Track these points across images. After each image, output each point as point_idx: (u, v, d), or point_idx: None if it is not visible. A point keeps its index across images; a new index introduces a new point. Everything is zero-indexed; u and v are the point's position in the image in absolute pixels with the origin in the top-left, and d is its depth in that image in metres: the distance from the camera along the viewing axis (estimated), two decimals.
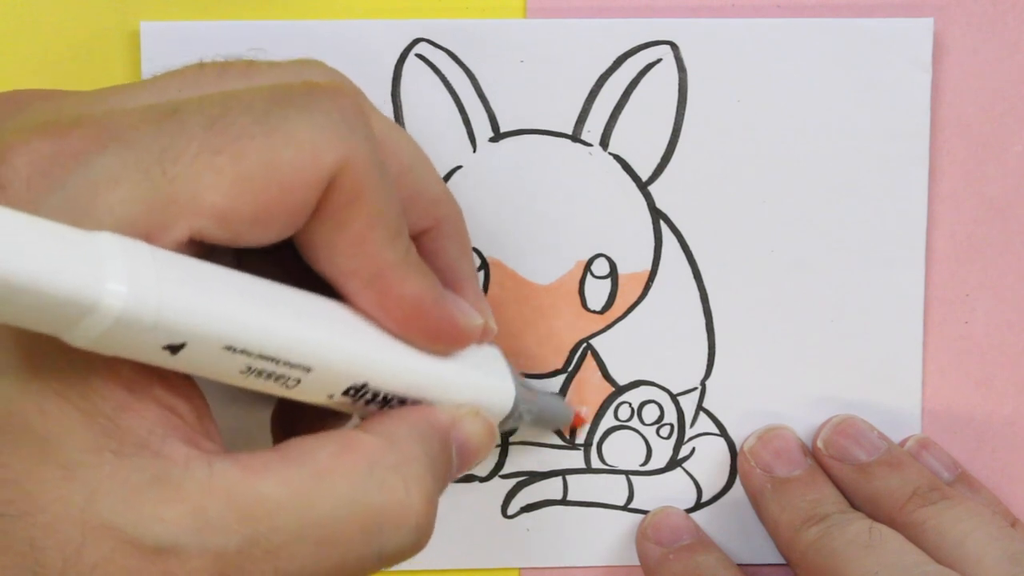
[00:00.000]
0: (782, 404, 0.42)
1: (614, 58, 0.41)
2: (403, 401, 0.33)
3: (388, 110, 0.40)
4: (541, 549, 0.42)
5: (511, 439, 0.42)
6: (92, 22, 0.40)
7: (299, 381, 0.30)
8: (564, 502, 0.42)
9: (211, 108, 0.29)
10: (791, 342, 0.42)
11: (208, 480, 0.28)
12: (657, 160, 0.41)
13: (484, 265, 0.41)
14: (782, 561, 0.41)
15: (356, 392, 0.31)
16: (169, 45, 0.40)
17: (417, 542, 0.30)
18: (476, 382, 0.35)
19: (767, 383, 0.42)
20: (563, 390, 0.42)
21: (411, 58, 0.40)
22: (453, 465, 0.33)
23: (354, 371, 0.31)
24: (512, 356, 0.41)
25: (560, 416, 0.41)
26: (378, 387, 0.32)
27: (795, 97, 0.41)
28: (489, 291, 0.41)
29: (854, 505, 0.40)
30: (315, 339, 0.30)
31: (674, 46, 0.41)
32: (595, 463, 0.42)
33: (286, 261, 0.32)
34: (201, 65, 0.32)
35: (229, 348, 0.28)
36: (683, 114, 0.41)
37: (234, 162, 0.28)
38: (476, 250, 0.41)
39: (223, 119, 0.28)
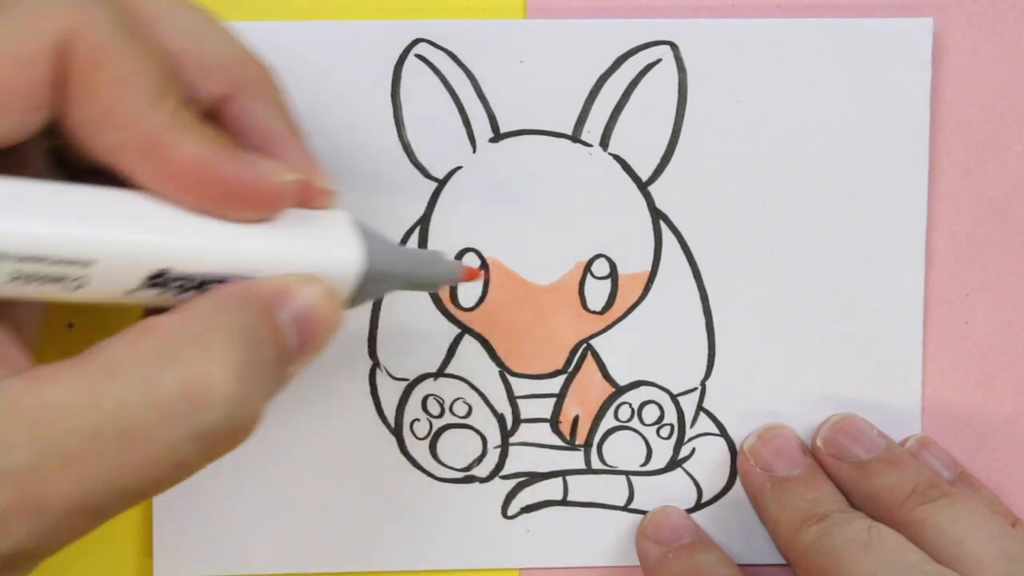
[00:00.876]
0: (782, 404, 0.42)
1: (614, 58, 0.41)
2: (223, 282, 0.30)
3: (388, 111, 0.40)
4: (541, 549, 0.42)
5: (511, 440, 0.42)
6: None
7: (84, 279, 0.28)
8: (564, 502, 0.42)
9: None
10: (791, 342, 0.42)
11: None
12: (657, 160, 0.41)
13: (484, 265, 0.41)
14: (782, 561, 0.41)
15: (159, 281, 0.29)
16: None
17: (231, 418, 0.28)
18: (307, 248, 0.31)
19: (767, 383, 0.42)
20: (563, 390, 0.42)
21: (411, 58, 0.40)
22: (288, 337, 0.30)
23: (146, 257, 0.28)
24: (512, 357, 0.41)
25: (440, 273, 0.36)
26: (183, 271, 0.29)
27: (795, 97, 0.41)
28: (489, 291, 0.41)
29: (854, 504, 0.40)
30: (87, 228, 0.28)
31: (674, 46, 0.41)
32: (595, 463, 0.42)
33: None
34: None
35: None
36: (683, 114, 0.41)
37: None
38: (476, 250, 0.41)
39: None
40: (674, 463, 0.42)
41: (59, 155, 0.32)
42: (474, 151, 0.41)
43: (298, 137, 0.33)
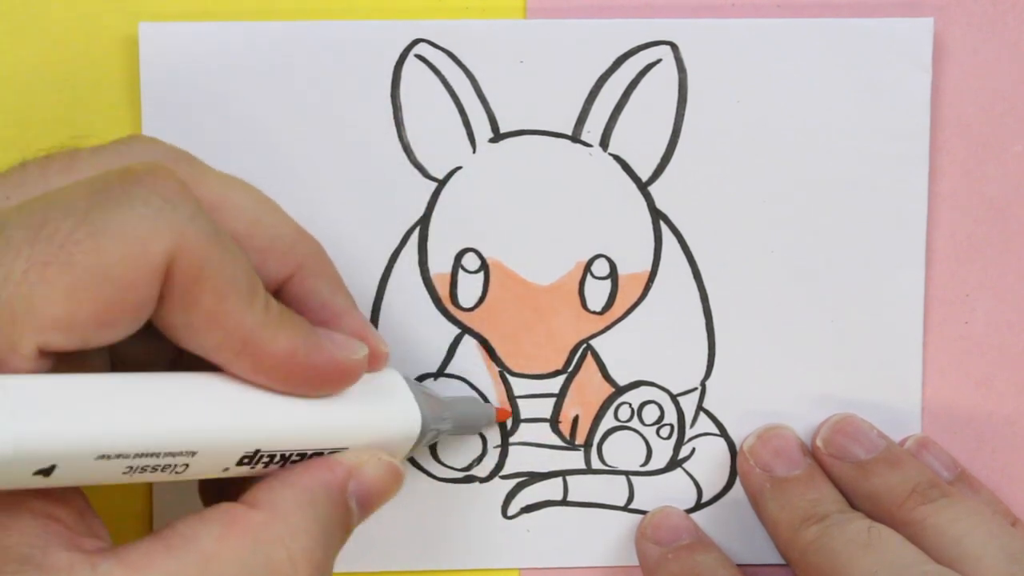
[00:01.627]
0: (782, 404, 0.42)
1: (614, 58, 0.41)
2: (303, 455, 0.32)
3: (388, 111, 0.40)
4: (541, 549, 0.42)
5: (510, 440, 0.42)
6: (91, 23, 0.40)
7: (187, 466, 0.30)
8: (564, 502, 0.42)
9: (32, 217, 0.29)
10: (791, 342, 0.42)
11: None
12: (657, 160, 0.41)
13: (484, 266, 0.41)
14: (782, 561, 0.41)
15: (251, 460, 0.31)
16: (167, 46, 0.40)
17: None
18: (375, 416, 0.34)
19: (767, 383, 0.42)
20: (563, 390, 0.42)
21: (411, 59, 0.40)
22: (354, 516, 0.33)
23: (240, 442, 0.31)
24: (512, 357, 0.41)
25: (480, 418, 0.41)
26: (271, 450, 0.32)
27: (795, 97, 0.41)
28: (489, 291, 0.41)
29: (853, 504, 0.40)
30: (190, 423, 0.30)
31: (674, 46, 0.41)
32: (595, 464, 0.42)
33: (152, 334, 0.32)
34: (23, 164, 0.32)
35: (103, 457, 0.28)
36: (683, 114, 0.41)
37: (64, 271, 0.28)
38: (476, 251, 0.41)
39: (45, 227, 0.28)
40: (674, 463, 0.42)
41: None
42: (474, 151, 0.41)
43: (355, 306, 0.36)
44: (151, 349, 0.33)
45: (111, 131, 0.40)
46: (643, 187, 0.41)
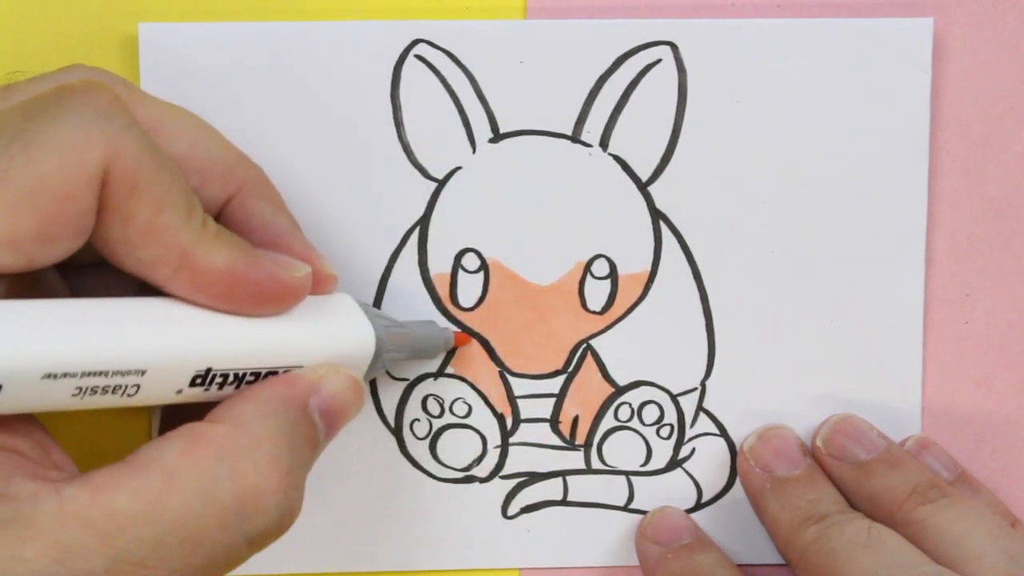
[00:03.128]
0: (782, 404, 0.42)
1: (614, 58, 0.40)
2: (257, 375, 0.32)
3: (387, 111, 0.40)
4: (541, 549, 0.42)
5: (510, 440, 0.42)
6: (90, 23, 0.40)
7: (138, 387, 0.30)
8: (564, 503, 0.42)
9: None
10: (791, 342, 0.42)
11: (59, 510, 0.28)
12: (657, 160, 0.41)
13: (484, 266, 0.41)
14: (782, 561, 0.41)
15: (204, 380, 0.31)
16: (167, 46, 0.40)
17: (280, 520, 0.31)
18: (328, 334, 0.34)
19: (767, 383, 0.42)
20: (563, 390, 0.42)
21: (410, 59, 0.40)
22: (319, 430, 0.33)
23: (191, 360, 0.31)
24: (512, 357, 0.41)
25: (437, 341, 0.40)
26: (224, 368, 0.31)
27: (795, 97, 0.41)
28: (489, 291, 0.41)
29: (853, 504, 0.40)
30: (138, 342, 0.30)
31: (674, 46, 0.41)
32: (595, 464, 0.42)
33: (109, 274, 0.32)
34: None
35: (49, 376, 0.28)
36: (683, 114, 0.41)
37: (1, 187, 0.28)
38: (476, 251, 0.41)
39: None
40: (674, 463, 0.42)
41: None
42: (474, 151, 0.41)
43: (299, 229, 0.36)
44: (109, 288, 0.33)
45: None
46: (643, 187, 0.41)
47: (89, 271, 0.34)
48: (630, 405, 0.42)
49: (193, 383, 0.31)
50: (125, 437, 0.41)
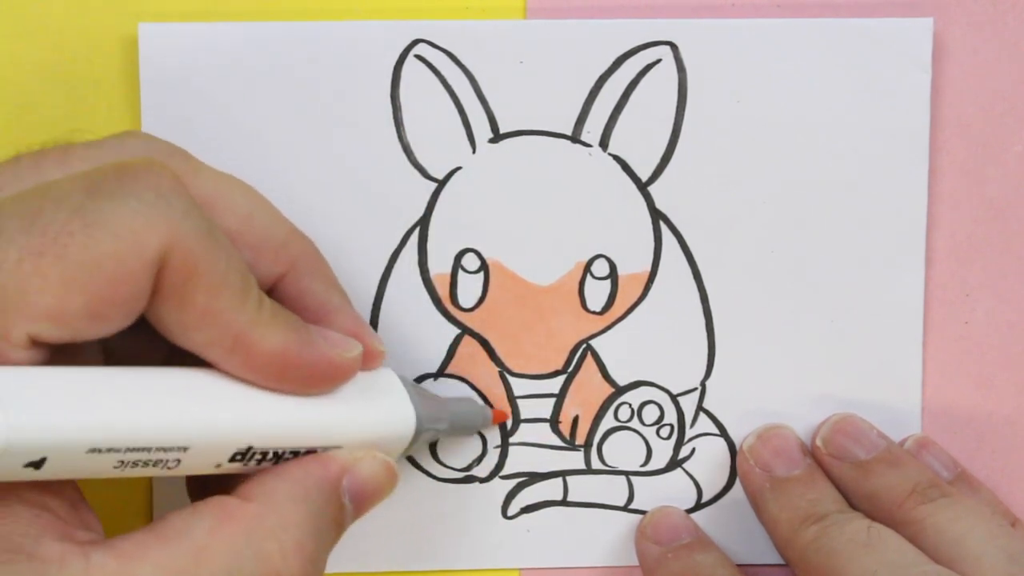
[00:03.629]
0: (782, 404, 0.42)
1: (614, 58, 0.40)
2: (296, 452, 0.32)
3: (387, 111, 0.40)
4: (541, 549, 0.42)
5: (510, 440, 0.42)
6: (90, 23, 0.40)
7: (179, 461, 0.30)
8: (564, 503, 0.42)
9: (26, 207, 0.29)
10: (791, 342, 0.42)
11: (85, 575, 0.28)
12: (657, 160, 0.41)
13: (484, 266, 0.41)
14: (782, 561, 0.41)
15: (243, 456, 0.31)
16: (167, 47, 0.40)
17: None
18: (370, 414, 0.34)
19: (767, 383, 0.42)
20: (563, 391, 0.42)
21: (410, 59, 0.40)
22: (347, 514, 0.33)
23: (233, 439, 0.31)
24: (512, 357, 0.41)
25: (476, 418, 0.40)
26: (264, 447, 0.32)
27: (795, 97, 0.41)
28: (489, 292, 0.41)
29: (853, 504, 0.40)
30: (182, 419, 0.30)
31: (674, 46, 0.41)
32: (595, 464, 0.42)
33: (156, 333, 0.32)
34: (17, 157, 0.32)
35: (94, 451, 0.28)
36: (683, 114, 0.41)
37: (57, 262, 0.28)
38: (476, 251, 0.41)
39: (40, 219, 0.28)
40: (674, 463, 0.42)
41: None
42: (474, 151, 0.41)
43: (350, 304, 0.36)
44: (145, 344, 0.33)
45: (111, 131, 0.40)
46: (643, 187, 0.41)
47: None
48: (630, 405, 0.42)
49: (233, 459, 0.31)
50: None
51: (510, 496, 0.42)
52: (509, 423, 0.42)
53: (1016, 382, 0.42)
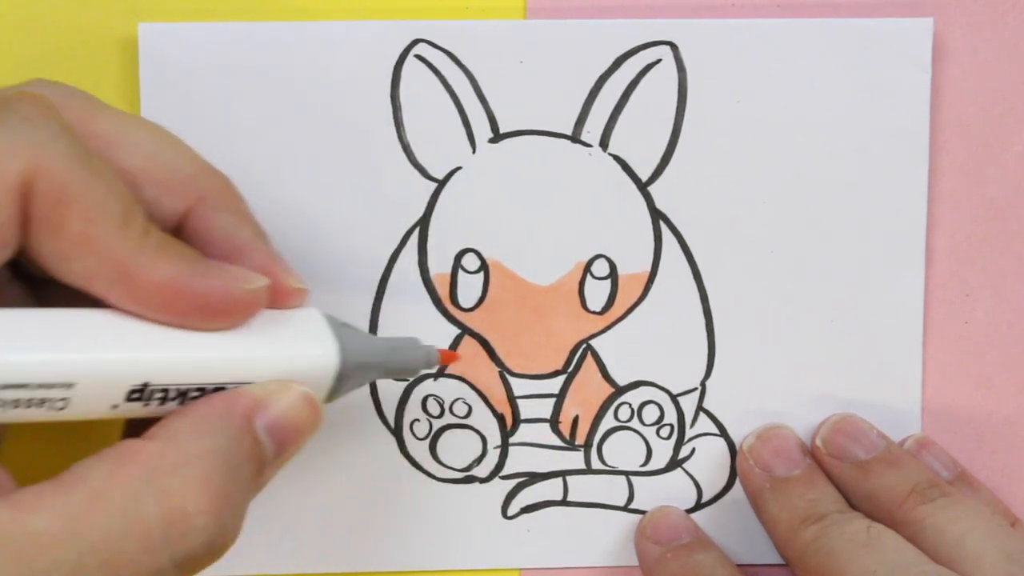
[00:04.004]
0: (782, 404, 0.42)
1: (614, 58, 0.40)
2: (203, 391, 0.31)
3: (387, 111, 0.40)
4: (541, 549, 0.42)
5: (510, 440, 0.42)
6: (90, 23, 0.40)
7: (66, 400, 0.29)
8: (564, 503, 0.42)
9: None
10: (791, 342, 0.42)
11: None
12: (657, 160, 0.41)
13: (484, 266, 0.41)
14: (781, 561, 0.41)
15: (141, 395, 0.30)
16: (167, 47, 0.40)
17: (210, 543, 0.29)
18: (283, 349, 0.32)
19: (767, 383, 0.42)
20: (563, 391, 0.42)
21: (410, 59, 0.40)
22: (266, 449, 0.31)
23: (125, 375, 0.29)
24: (512, 357, 0.41)
25: (417, 359, 0.36)
26: (162, 383, 0.30)
27: (795, 97, 0.41)
28: (489, 292, 0.41)
29: (853, 504, 0.40)
30: (65, 354, 0.29)
31: (674, 46, 0.41)
32: (595, 464, 0.42)
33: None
34: None
35: None
36: (683, 114, 0.41)
37: None
38: (476, 251, 0.41)
39: None
40: (674, 463, 0.42)
41: (17, 266, 0.32)
42: (474, 151, 0.41)
43: (264, 240, 0.34)
44: (78, 301, 0.32)
45: None
46: (643, 187, 0.41)
47: (55, 284, 0.32)
48: (630, 405, 0.42)
49: (131, 398, 0.30)
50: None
51: (510, 496, 0.42)
52: (509, 423, 0.42)
53: (1016, 382, 0.42)
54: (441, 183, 0.41)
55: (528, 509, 0.42)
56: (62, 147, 0.29)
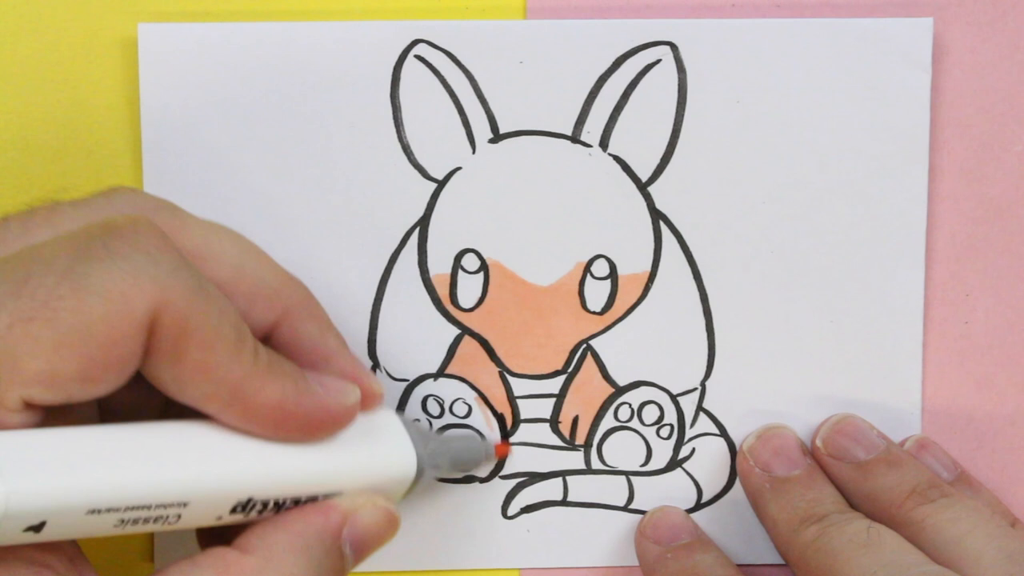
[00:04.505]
0: (782, 404, 0.42)
1: (614, 59, 0.40)
2: (297, 500, 0.32)
3: (387, 111, 0.40)
4: (541, 549, 0.42)
5: (511, 440, 0.42)
6: (90, 23, 0.40)
7: (180, 516, 0.30)
8: (564, 503, 0.42)
9: (15, 272, 0.29)
10: (791, 342, 0.42)
11: None
12: (657, 161, 0.41)
13: (484, 267, 0.41)
14: (781, 561, 0.41)
15: (244, 508, 0.31)
16: (167, 47, 0.40)
17: None
18: (369, 459, 0.34)
19: (767, 383, 0.42)
20: (563, 391, 0.42)
21: (410, 59, 0.40)
22: (348, 562, 0.33)
23: (232, 491, 0.31)
24: (512, 357, 0.41)
25: (478, 456, 0.40)
26: (264, 497, 0.31)
27: (795, 97, 0.41)
28: (489, 292, 0.41)
29: (853, 504, 0.40)
30: (180, 474, 0.30)
31: (674, 46, 0.41)
32: (595, 464, 0.42)
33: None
34: (5, 219, 0.32)
35: (93, 512, 0.28)
36: (683, 114, 0.41)
37: (48, 326, 0.28)
38: (476, 251, 0.41)
39: (28, 283, 0.28)
40: (674, 463, 0.42)
41: None
42: (473, 152, 0.41)
43: (346, 347, 0.35)
44: (140, 397, 0.33)
45: (110, 131, 0.40)
46: (643, 187, 0.41)
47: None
48: (630, 405, 0.42)
49: (233, 511, 0.31)
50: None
51: (510, 496, 0.42)
52: (509, 423, 0.42)
53: (1016, 382, 0.42)
54: (441, 183, 0.41)
55: (528, 509, 0.42)
56: (183, 280, 0.30)
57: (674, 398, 0.42)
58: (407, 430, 0.36)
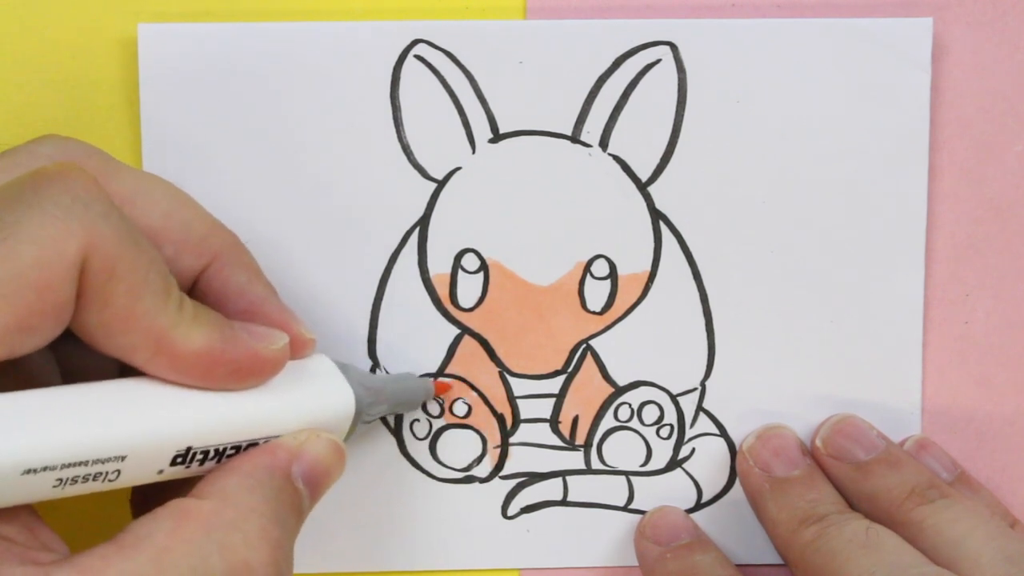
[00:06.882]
0: (782, 404, 0.42)
1: (613, 59, 0.40)
2: (238, 448, 0.33)
3: (387, 111, 0.40)
4: (541, 549, 0.42)
5: (510, 440, 0.42)
6: (90, 23, 0.40)
7: (119, 472, 0.30)
8: (564, 503, 0.42)
9: None
10: (791, 342, 0.42)
11: None
12: (657, 161, 0.41)
13: (484, 266, 0.41)
14: (781, 561, 0.41)
15: (184, 459, 0.31)
16: (166, 47, 0.40)
17: None
18: (306, 401, 0.34)
19: (767, 383, 0.42)
20: (563, 391, 0.42)
21: (410, 59, 0.40)
22: (304, 497, 0.33)
23: (169, 441, 0.31)
24: (512, 357, 0.41)
25: (417, 394, 0.40)
26: (203, 446, 0.32)
27: (795, 97, 0.41)
28: (489, 292, 0.41)
29: (852, 504, 0.40)
30: (115, 427, 0.30)
31: (673, 46, 0.41)
32: (595, 464, 0.42)
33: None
34: None
35: (29, 472, 0.28)
36: (683, 114, 0.41)
37: None
38: (475, 251, 0.41)
39: None
40: (674, 463, 0.42)
41: None
42: (473, 152, 0.41)
43: (275, 294, 0.36)
44: (97, 360, 0.33)
45: (111, 131, 0.40)
46: (643, 187, 0.41)
47: (73, 339, 0.33)
48: (630, 405, 0.42)
49: (174, 462, 0.31)
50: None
51: (510, 496, 0.42)
52: (509, 423, 0.42)
53: (1016, 382, 0.42)
54: (441, 183, 0.41)
55: (528, 509, 0.42)
56: (112, 225, 0.30)
57: (674, 398, 0.42)
58: (342, 371, 0.36)
